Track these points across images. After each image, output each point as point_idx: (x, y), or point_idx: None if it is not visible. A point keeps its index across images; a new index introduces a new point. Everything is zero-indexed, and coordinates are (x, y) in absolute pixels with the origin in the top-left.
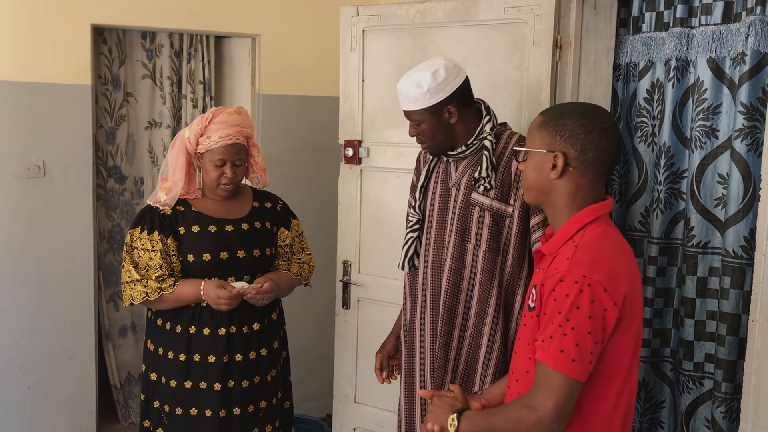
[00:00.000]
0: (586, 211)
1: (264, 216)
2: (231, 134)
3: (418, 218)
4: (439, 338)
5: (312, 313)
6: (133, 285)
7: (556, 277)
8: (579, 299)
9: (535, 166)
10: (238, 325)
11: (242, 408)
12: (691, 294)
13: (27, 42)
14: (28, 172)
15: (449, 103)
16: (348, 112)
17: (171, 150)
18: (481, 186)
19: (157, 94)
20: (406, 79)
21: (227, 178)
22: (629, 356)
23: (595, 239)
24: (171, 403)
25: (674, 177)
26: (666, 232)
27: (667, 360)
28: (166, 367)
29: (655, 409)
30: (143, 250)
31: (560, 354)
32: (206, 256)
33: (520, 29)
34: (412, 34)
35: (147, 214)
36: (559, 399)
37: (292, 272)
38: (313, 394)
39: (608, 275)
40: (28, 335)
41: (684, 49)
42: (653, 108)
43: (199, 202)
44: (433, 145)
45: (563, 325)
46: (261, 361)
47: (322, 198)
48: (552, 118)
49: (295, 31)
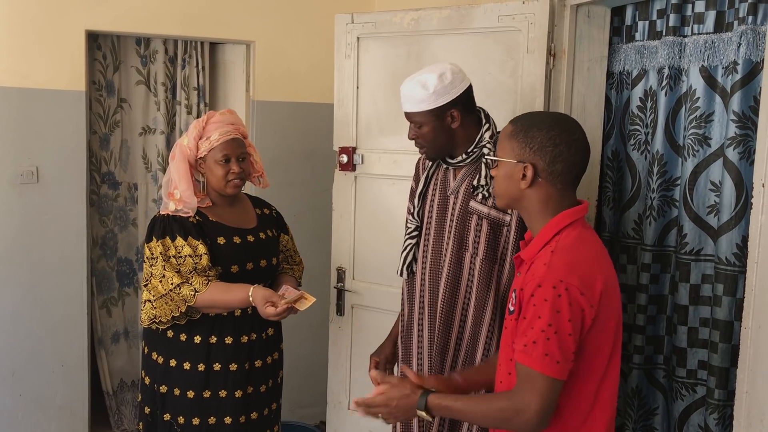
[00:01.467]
0: (561, 215)
1: (268, 223)
2: (230, 130)
3: (417, 225)
4: (435, 345)
5: (306, 320)
6: (178, 290)
7: (534, 282)
8: (558, 303)
9: (506, 174)
10: (258, 331)
11: (260, 412)
12: (684, 301)
13: (21, 48)
14: (21, 177)
15: (453, 107)
16: (343, 118)
17: (172, 162)
18: (480, 194)
19: (151, 100)
20: (410, 80)
21: (235, 173)
22: (607, 355)
23: (570, 243)
24: (187, 414)
25: (667, 184)
26: (659, 240)
27: (660, 367)
28: (180, 378)
29: (648, 416)
30: (183, 257)
31: (545, 357)
32: (234, 268)
33: (514, 37)
34: (407, 41)
35: (171, 222)
36: (545, 400)
37: (297, 276)
38: (306, 401)
39: (584, 278)
40: (21, 341)
41: (677, 57)
42: (646, 116)
43: (211, 210)
44: (432, 149)
45: (546, 330)
46: (275, 364)
47: (316, 204)
48: (521, 129)
49: (290, 38)
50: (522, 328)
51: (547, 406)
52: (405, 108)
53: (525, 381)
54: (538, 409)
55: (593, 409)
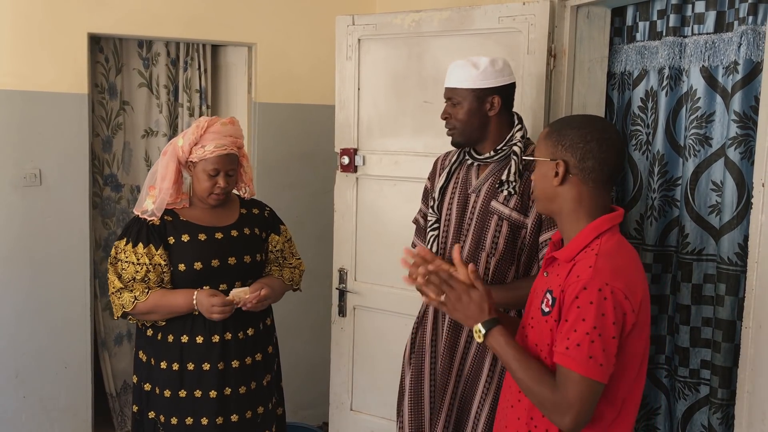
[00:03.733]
0: (601, 220)
1: (252, 222)
2: (225, 144)
3: (437, 217)
4: (444, 342)
5: (308, 321)
6: (119, 294)
7: (579, 284)
8: (603, 306)
9: (541, 174)
10: (234, 331)
11: (240, 414)
12: (686, 301)
13: (24, 50)
14: (24, 180)
15: (496, 93)
16: (344, 120)
17: (162, 157)
18: (505, 190)
19: (153, 102)
20: (463, 59)
21: (220, 188)
22: (639, 360)
23: (613, 248)
24: (166, 413)
25: (668, 185)
26: (660, 239)
27: (662, 367)
28: (159, 377)
29: (650, 416)
30: (127, 263)
31: (589, 360)
32: (197, 265)
33: (515, 38)
34: (408, 43)
35: (133, 225)
36: (585, 404)
37: (284, 278)
38: (308, 402)
39: (628, 283)
40: (24, 343)
41: (677, 58)
42: (647, 116)
43: (186, 211)
44: (461, 132)
45: (590, 332)
46: (257, 366)
47: (318, 206)
48: (555, 129)
49: (291, 40)
50: (564, 330)
51: (586, 410)
52: (448, 83)
53: (568, 384)
54: (577, 413)
55: (620, 413)
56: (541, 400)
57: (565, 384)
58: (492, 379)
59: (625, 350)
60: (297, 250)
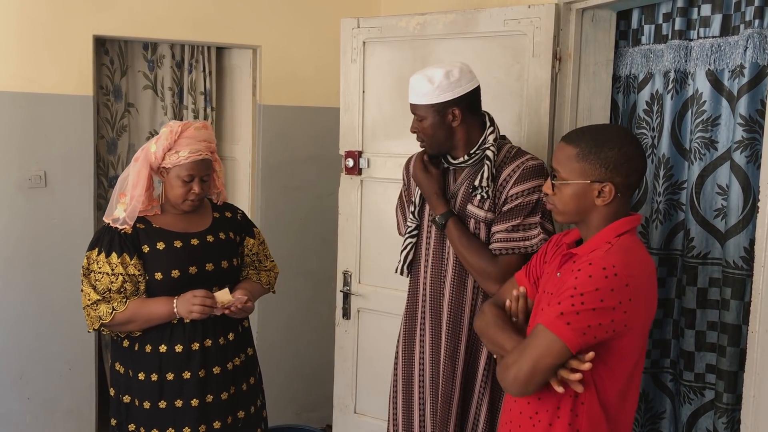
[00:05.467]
0: (622, 222)
1: (226, 226)
2: (200, 149)
3: (417, 223)
4: (444, 349)
5: (312, 324)
6: (95, 306)
7: (587, 261)
8: (600, 282)
9: (576, 194)
10: (214, 337)
11: (222, 420)
12: (691, 305)
13: (29, 53)
14: (29, 182)
15: (455, 105)
16: (348, 122)
17: (134, 164)
18: (478, 195)
19: (158, 104)
20: (420, 72)
21: (194, 194)
22: (630, 366)
23: (629, 246)
24: (147, 425)
25: (673, 188)
26: (665, 243)
27: (667, 371)
28: (138, 388)
29: (655, 420)
30: (101, 273)
31: (559, 316)
32: (175, 273)
33: (520, 41)
34: (413, 46)
35: (105, 235)
36: (540, 356)
37: (262, 282)
38: (312, 405)
39: (635, 275)
40: (29, 345)
41: (683, 61)
42: (652, 119)
43: (158, 218)
44: (430, 144)
45: (575, 296)
46: (237, 370)
47: (321, 208)
48: (591, 150)
49: (296, 43)
50: (553, 296)
51: (540, 365)
52: (410, 99)
53: (527, 339)
54: (529, 365)
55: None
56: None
57: (532, 334)
58: (488, 375)
59: (617, 351)
60: (270, 252)
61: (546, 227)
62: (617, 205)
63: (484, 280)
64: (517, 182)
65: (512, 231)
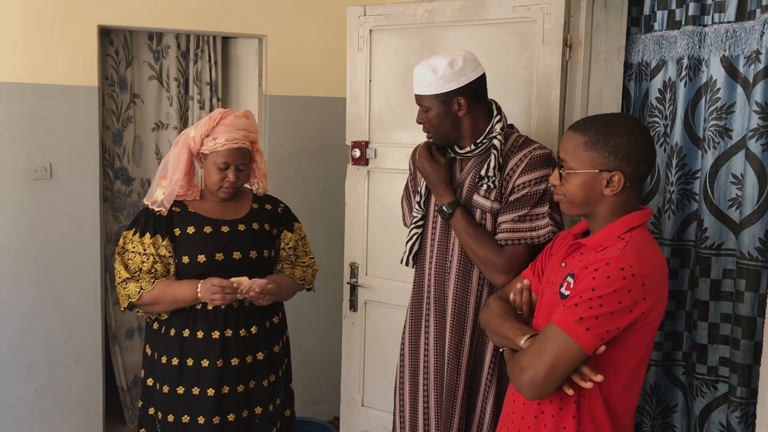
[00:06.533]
0: (633, 216)
1: (263, 218)
2: (237, 138)
3: (423, 214)
4: (448, 341)
5: (319, 316)
6: (125, 285)
7: (603, 260)
8: (618, 284)
9: (584, 184)
10: (234, 328)
11: (237, 414)
12: (704, 296)
13: (33, 43)
14: (34, 173)
15: (460, 94)
16: (355, 112)
17: (174, 148)
18: (485, 185)
19: (163, 95)
20: (423, 62)
21: (229, 182)
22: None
23: (643, 242)
24: (164, 409)
25: (686, 177)
26: (678, 234)
27: (680, 363)
28: (160, 371)
29: (666, 413)
30: (134, 253)
31: (578, 321)
32: (201, 258)
33: (530, 28)
34: (420, 33)
35: (142, 215)
36: (558, 360)
37: (295, 276)
38: (319, 397)
39: (651, 275)
40: (35, 337)
41: (696, 47)
42: (665, 108)
43: (196, 203)
44: (437, 135)
45: (593, 299)
46: (257, 365)
47: (329, 200)
48: (600, 138)
49: (302, 32)
50: (569, 297)
51: (559, 369)
52: (414, 90)
53: (543, 341)
54: (546, 367)
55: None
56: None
57: (544, 335)
58: (494, 368)
59: (624, 347)
60: (311, 249)
61: (555, 218)
62: (626, 196)
63: (490, 271)
64: (524, 172)
65: (519, 221)
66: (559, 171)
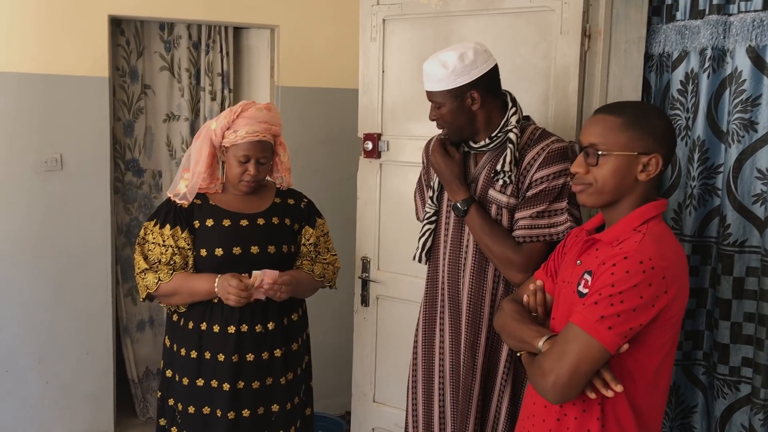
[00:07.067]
0: (649, 206)
1: (285, 212)
2: (258, 131)
3: (436, 209)
4: (464, 340)
5: (331, 310)
6: (144, 275)
7: (620, 255)
8: (638, 278)
9: (619, 168)
10: (251, 323)
11: (252, 410)
12: (726, 295)
13: (44, 33)
14: (45, 165)
15: (473, 88)
16: (367, 104)
17: (195, 141)
18: (500, 180)
19: (175, 86)
20: (432, 58)
21: (250, 175)
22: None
23: (661, 234)
24: (184, 401)
25: (709, 172)
26: (699, 230)
27: (700, 363)
28: (180, 364)
29: (686, 414)
30: (154, 244)
31: (599, 319)
32: (218, 251)
33: (547, 17)
34: (434, 23)
35: (163, 207)
36: (580, 361)
37: (315, 273)
38: (331, 392)
39: (670, 267)
40: (46, 329)
41: (721, 37)
42: (687, 100)
43: (217, 196)
44: (452, 131)
45: (614, 295)
46: (274, 361)
47: (340, 193)
48: (638, 119)
49: (315, 22)
50: (588, 294)
51: (582, 370)
52: (425, 86)
53: (564, 342)
54: (565, 373)
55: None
56: (534, 380)
57: (560, 340)
58: (510, 367)
59: (648, 343)
60: (333, 246)
61: (574, 213)
62: (653, 184)
63: (508, 269)
64: (541, 166)
65: (537, 217)
66: (585, 158)
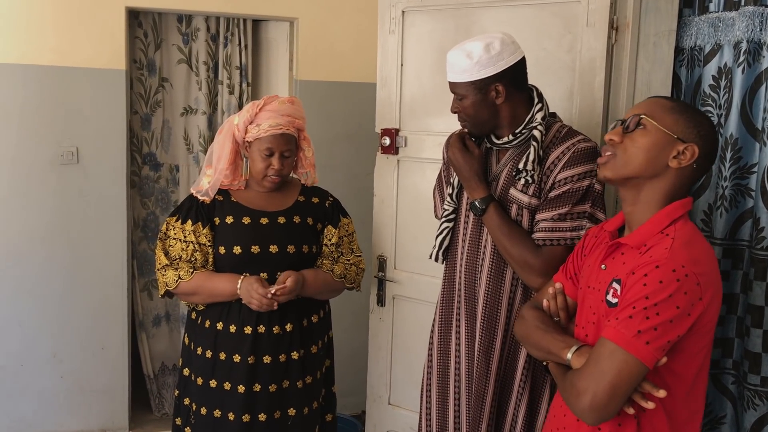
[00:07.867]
0: (676, 205)
1: (307, 211)
2: (281, 124)
3: (455, 207)
4: (478, 344)
5: (347, 309)
6: (164, 272)
7: (651, 264)
8: (672, 287)
9: (654, 145)
10: (268, 325)
11: (268, 414)
12: (759, 301)
13: (61, 26)
14: (61, 158)
15: (498, 80)
16: (385, 98)
17: (218, 136)
18: (522, 179)
19: (192, 79)
20: (457, 47)
21: (274, 169)
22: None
23: (690, 236)
24: (198, 402)
25: (741, 172)
26: (731, 233)
27: (729, 372)
28: (197, 363)
29: (714, 425)
30: (176, 240)
31: (636, 335)
32: (237, 249)
33: (573, 9)
34: (455, 15)
35: (186, 203)
36: (619, 380)
37: (335, 273)
38: (346, 392)
39: (703, 272)
40: (61, 324)
41: (757, 30)
42: (720, 96)
43: (240, 192)
44: (473, 124)
45: (649, 308)
46: (292, 364)
47: (358, 189)
48: (687, 109)
49: (334, 15)
50: (620, 305)
51: (620, 389)
52: (448, 77)
53: (598, 359)
54: (603, 393)
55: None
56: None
57: (599, 353)
58: (527, 374)
59: (683, 352)
60: (358, 246)
61: (597, 217)
62: (681, 181)
63: (526, 273)
64: (566, 166)
65: (559, 220)
66: (623, 129)
